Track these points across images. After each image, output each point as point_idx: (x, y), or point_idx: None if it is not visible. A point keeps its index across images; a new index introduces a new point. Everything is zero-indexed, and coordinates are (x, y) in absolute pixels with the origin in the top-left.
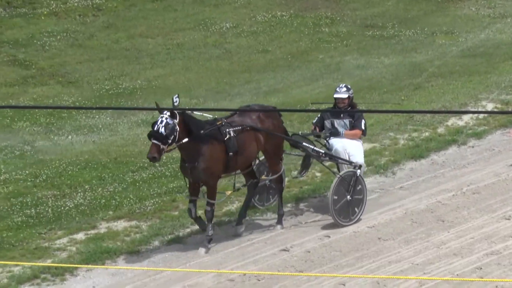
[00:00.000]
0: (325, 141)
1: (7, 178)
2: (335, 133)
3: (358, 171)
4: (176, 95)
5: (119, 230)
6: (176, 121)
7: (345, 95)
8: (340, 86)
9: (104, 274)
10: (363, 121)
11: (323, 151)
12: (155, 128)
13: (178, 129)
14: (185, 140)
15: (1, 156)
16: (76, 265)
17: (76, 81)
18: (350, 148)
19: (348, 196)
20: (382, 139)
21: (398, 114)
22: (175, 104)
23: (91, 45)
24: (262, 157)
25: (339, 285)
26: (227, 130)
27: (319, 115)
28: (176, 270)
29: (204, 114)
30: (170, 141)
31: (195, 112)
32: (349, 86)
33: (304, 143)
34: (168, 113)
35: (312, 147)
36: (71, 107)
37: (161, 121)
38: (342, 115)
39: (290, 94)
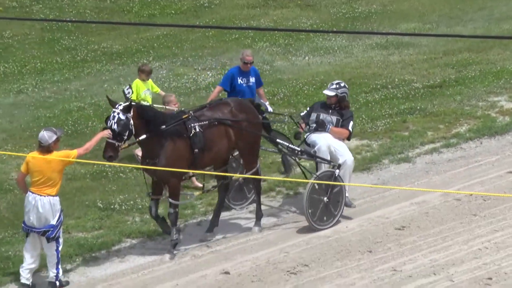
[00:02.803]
0: (306, 134)
1: None
2: (321, 124)
3: (337, 171)
4: (128, 86)
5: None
6: (130, 115)
7: (332, 93)
8: (332, 83)
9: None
10: (351, 123)
11: (299, 149)
12: (108, 125)
13: (132, 123)
14: (143, 136)
15: None
16: (306, 181)
17: (314, 4)
18: (336, 145)
19: (325, 198)
20: None
21: None
22: (127, 96)
23: None
24: (235, 153)
25: None
26: (192, 124)
27: (308, 108)
28: (405, 189)
29: (167, 107)
30: (125, 137)
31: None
32: (342, 84)
33: (278, 140)
34: (121, 108)
35: (287, 144)
36: (308, 30)
37: (113, 117)
38: (330, 111)
39: None
